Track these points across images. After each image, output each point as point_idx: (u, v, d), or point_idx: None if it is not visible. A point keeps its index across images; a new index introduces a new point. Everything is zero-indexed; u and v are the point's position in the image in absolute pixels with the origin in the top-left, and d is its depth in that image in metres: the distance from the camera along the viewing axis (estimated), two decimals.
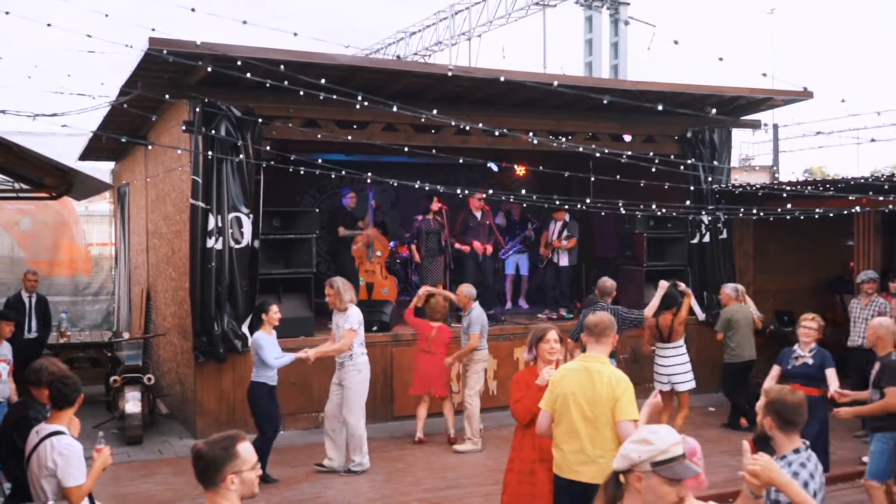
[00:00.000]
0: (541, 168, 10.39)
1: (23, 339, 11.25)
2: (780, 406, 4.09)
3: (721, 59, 5.21)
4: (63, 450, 4.74)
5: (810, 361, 7.35)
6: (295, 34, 5.43)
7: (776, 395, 4.18)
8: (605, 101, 8.43)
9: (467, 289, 9.65)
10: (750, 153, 29.88)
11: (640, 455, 3.00)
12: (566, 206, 11.70)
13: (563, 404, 5.05)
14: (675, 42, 5.17)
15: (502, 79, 8.98)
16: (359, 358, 8.58)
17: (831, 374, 7.24)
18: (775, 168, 22.38)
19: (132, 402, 9.69)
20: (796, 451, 4.02)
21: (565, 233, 12.92)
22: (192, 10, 5.07)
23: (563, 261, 12.99)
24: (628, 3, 19.77)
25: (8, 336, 8.23)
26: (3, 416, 6.33)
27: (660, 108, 8.44)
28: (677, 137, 12.36)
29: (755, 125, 13.45)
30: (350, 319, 8.44)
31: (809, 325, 7.46)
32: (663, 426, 3.18)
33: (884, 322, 6.94)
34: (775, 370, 7.50)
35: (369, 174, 10.34)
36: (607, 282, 9.43)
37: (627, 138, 12.30)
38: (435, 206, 12.10)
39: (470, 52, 24.80)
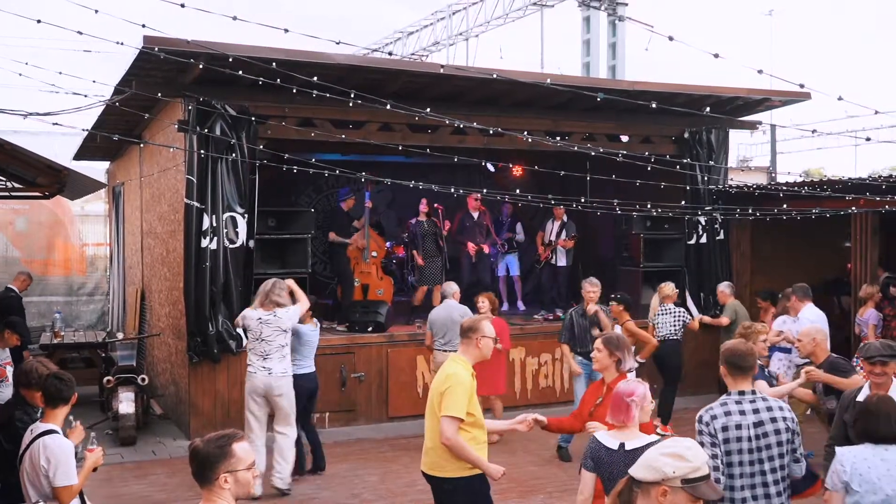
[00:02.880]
0: (537, 168, 10.35)
1: (27, 340, 11.28)
2: (730, 354, 4.58)
3: (717, 55, 5.15)
4: (54, 449, 4.71)
5: None
6: (286, 30, 5.38)
7: (729, 345, 4.71)
8: (598, 99, 8.38)
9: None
10: (748, 154, 29.86)
11: (675, 471, 2.90)
12: (562, 206, 11.66)
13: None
14: (671, 38, 5.12)
15: (495, 76, 8.93)
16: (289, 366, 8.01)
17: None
18: (771, 169, 22.35)
19: (126, 403, 9.65)
20: (741, 392, 4.48)
21: (563, 232, 12.89)
22: (182, 5, 5.01)
23: (561, 261, 12.96)
24: (626, 4, 19.72)
25: (11, 347, 8.18)
26: None
27: (654, 105, 8.40)
28: (674, 138, 12.33)
29: (753, 126, 13.43)
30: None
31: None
32: (689, 440, 3.10)
33: (818, 328, 6.87)
34: None
35: (364, 174, 10.30)
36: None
37: (624, 139, 12.27)
38: (423, 207, 12.08)
39: (467, 53, 24.77)
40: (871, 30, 76.46)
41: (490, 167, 12.19)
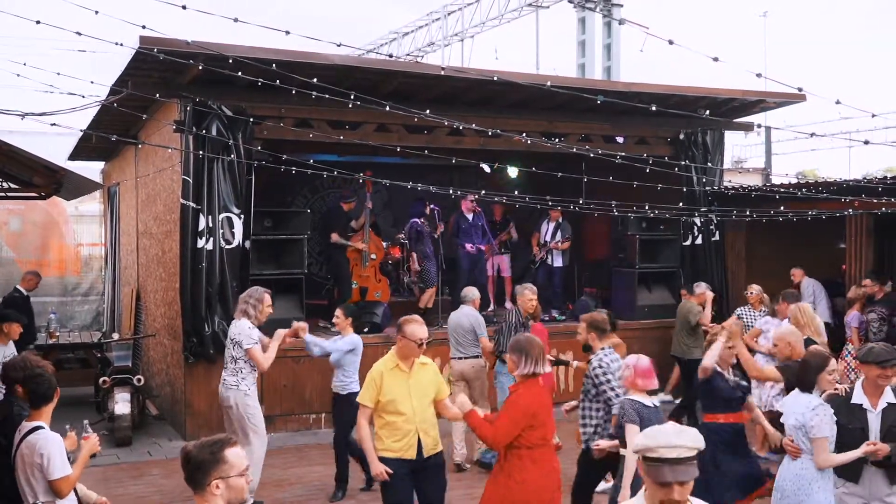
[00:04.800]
0: (533, 169, 10.35)
1: (32, 336, 11.29)
2: (593, 322, 6.64)
3: (716, 58, 5.17)
4: (44, 443, 4.73)
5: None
6: (287, 32, 5.39)
7: (589, 315, 6.86)
8: (598, 102, 8.39)
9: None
10: (742, 155, 29.92)
11: (636, 445, 3.12)
12: (559, 207, 11.68)
13: None
14: (671, 42, 5.14)
15: (496, 78, 8.94)
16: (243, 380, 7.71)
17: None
18: (768, 170, 22.42)
19: (121, 404, 9.63)
20: (610, 347, 6.49)
21: (559, 234, 12.89)
22: (184, 7, 5.01)
23: (557, 262, 12.94)
24: (621, 5, 19.77)
25: (16, 338, 8.13)
26: None
27: (653, 108, 8.41)
28: (670, 139, 12.36)
29: (748, 127, 13.46)
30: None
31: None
32: (682, 426, 3.21)
33: (793, 330, 6.90)
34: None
35: (360, 175, 10.30)
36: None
37: (620, 140, 12.29)
38: (426, 209, 12.05)
39: (462, 53, 24.81)
40: (862, 30, 76.72)
41: (486, 168, 12.18)
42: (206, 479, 3.21)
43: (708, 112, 11.31)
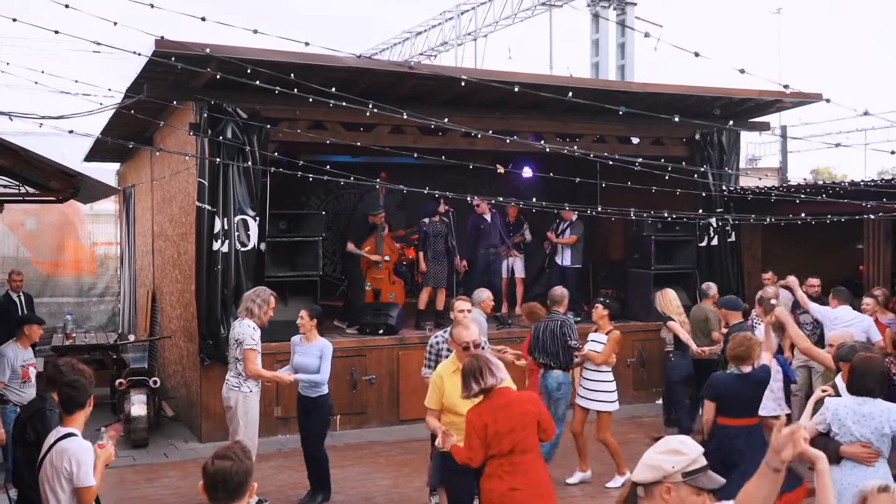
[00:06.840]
0: (551, 175, 10.32)
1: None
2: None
3: (742, 70, 5.14)
4: (76, 451, 4.76)
5: None
6: (307, 43, 5.40)
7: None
8: (620, 113, 8.35)
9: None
10: (757, 153, 29.76)
11: (675, 465, 2.94)
12: (577, 210, 11.65)
13: None
14: (696, 54, 5.10)
15: (516, 89, 8.89)
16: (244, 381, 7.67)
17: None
18: (783, 170, 22.32)
19: (137, 405, 9.67)
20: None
21: (568, 232, 12.85)
22: (203, 18, 5.02)
23: (566, 260, 12.84)
24: (635, 4, 19.69)
25: (36, 340, 8.17)
26: None
27: (676, 119, 8.35)
28: (685, 139, 12.29)
29: (763, 127, 13.38)
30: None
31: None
32: (682, 436, 3.15)
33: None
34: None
35: (378, 181, 10.32)
36: (556, 291, 8.93)
37: (635, 140, 12.23)
38: (441, 208, 12.01)
39: (476, 53, 24.79)
40: (879, 25, 76.20)
41: (500, 169, 12.13)
42: (249, 483, 3.25)
43: (723, 115, 11.25)
